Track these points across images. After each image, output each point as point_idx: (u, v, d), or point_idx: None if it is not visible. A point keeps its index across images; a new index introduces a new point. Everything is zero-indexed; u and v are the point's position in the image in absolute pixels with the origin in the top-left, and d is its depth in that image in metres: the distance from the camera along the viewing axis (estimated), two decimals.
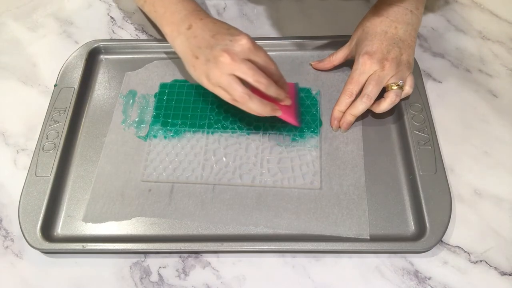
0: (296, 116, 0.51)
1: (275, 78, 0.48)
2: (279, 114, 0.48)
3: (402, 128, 0.53)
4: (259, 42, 0.60)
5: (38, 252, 0.48)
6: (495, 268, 0.46)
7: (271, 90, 0.46)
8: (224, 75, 0.45)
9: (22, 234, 0.47)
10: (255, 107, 0.46)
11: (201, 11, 0.50)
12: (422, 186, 0.48)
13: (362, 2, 0.67)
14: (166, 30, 0.51)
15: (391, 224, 0.47)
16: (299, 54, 0.60)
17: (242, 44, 0.45)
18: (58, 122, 0.54)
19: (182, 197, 0.50)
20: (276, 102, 0.48)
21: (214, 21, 0.49)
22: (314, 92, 0.57)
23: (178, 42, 0.49)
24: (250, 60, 0.45)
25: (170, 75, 0.59)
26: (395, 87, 0.50)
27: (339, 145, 0.53)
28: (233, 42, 0.45)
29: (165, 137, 0.54)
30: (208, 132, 0.54)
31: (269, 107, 0.46)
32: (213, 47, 0.45)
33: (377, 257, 0.47)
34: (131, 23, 0.66)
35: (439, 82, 0.59)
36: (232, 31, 0.47)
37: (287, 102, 0.48)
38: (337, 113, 0.53)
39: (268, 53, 0.59)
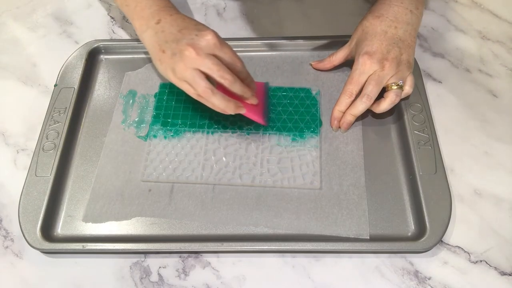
0: (264, 115, 0.52)
1: (242, 76, 0.48)
2: (243, 112, 0.48)
3: (402, 128, 0.53)
4: (259, 42, 0.61)
5: (38, 252, 0.48)
6: (495, 268, 0.46)
7: (236, 87, 0.46)
8: (189, 69, 0.45)
9: (22, 234, 0.47)
10: (218, 103, 0.46)
11: (172, 8, 0.51)
12: (422, 186, 0.48)
13: (362, 2, 0.67)
14: (136, 24, 0.51)
15: (391, 224, 0.47)
16: (299, 54, 0.60)
17: (208, 39, 0.45)
18: (58, 122, 0.54)
19: (182, 197, 0.50)
20: (241, 100, 0.48)
21: (184, 17, 0.49)
22: (314, 92, 0.57)
23: (146, 36, 0.50)
24: (215, 56, 0.46)
25: None
26: (395, 87, 0.50)
27: (339, 145, 0.53)
28: (199, 37, 0.46)
29: (165, 137, 0.54)
30: (208, 132, 0.54)
31: (232, 104, 0.47)
32: (179, 41, 0.46)
33: (377, 257, 0.47)
34: (131, 23, 0.66)
35: (439, 82, 0.59)
36: (200, 26, 0.48)
37: (253, 101, 0.49)
38: (337, 113, 0.53)
39: (268, 53, 0.60)
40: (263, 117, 0.52)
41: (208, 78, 0.46)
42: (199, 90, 0.46)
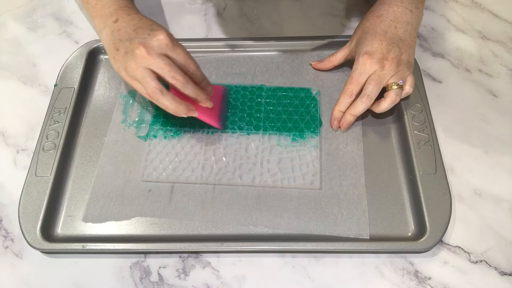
0: (220, 118, 0.52)
1: (196, 79, 0.48)
2: (195, 114, 0.48)
3: (402, 128, 0.53)
4: (259, 42, 0.61)
5: (38, 252, 0.48)
6: (495, 268, 0.46)
7: (188, 89, 0.47)
8: (140, 68, 0.45)
9: (22, 234, 0.47)
10: (168, 104, 0.46)
11: (131, 8, 0.51)
12: (422, 186, 0.48)
13: (362, 2, 0.67)
14: (95, 22, 0.52)
15: (391, 224, 0.47)
16: (299, 54, 0.60)
17: (159, 39, 0.46)
18: (58, 122, 0.54)
19: (182, 197, 0.50)
20: (195, 103, 0.49)
21: (141, 17, 0.50)
22: (314, 92, 0.57)
23: (104, 34, 0.50)
24: (168, 57, 0.46)
25: None
26: (395, 87, 0.50)
27: (339, 145, 0.53)
28: (151, 36, 0.46)
29: (165, 137, 0.54)
30: (208, 132, 0.54)
31: (183, 106, 0.47)
32: (132, 40, 0.46)
33: (377, 257, 0.47)
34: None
35: (439, 82, 0.59)
36: (154, 26, 0.48)
37: (208, 104, 0.49)
38: (337, 113, 0.53)
39: (268, 53, 0.60)
40: (219, 121, 0.52)
41: (162, 79, 0.46)
42: (148, 90, 0.46)
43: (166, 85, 0.47)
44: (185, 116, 0.48)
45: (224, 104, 0.55)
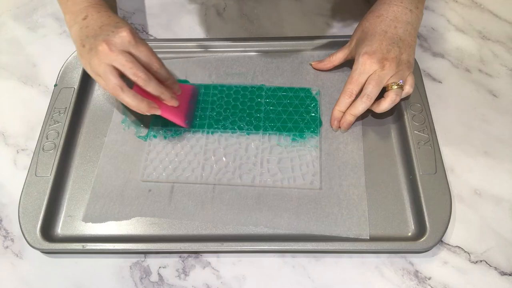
0: (186, 117, 0.53)
1: (160, 77, 0.49)
2: (157, 112, 0.49)
3: (402, 128, 0.53)
4: (259, 42, 0.61)
5: (38, 252, 0.48)
6: (495, 268, 0.46)
7: (151, 87, 0.47)
8: (102, 64, 0.46)
9: (22, 234, 0.47)
10: (129, 100, 0.47)
11: (102, 6, 0.52)
12: (422, 186, 0.48)
13: (362, 2, 0.67)
14: (66, 17, 0.53)
15: (391, 224, 0.47)
16: (299, 54, 0.60)
17: (122, 36, 0.46)
18: (58, 122, 0.54)
19: (182, 197, 0.50)
20: (158, 101, 0.49)
21: (110, 15, 0.50)
22: (314, 92, 0.57)
23: (73, 30, 0.51)
24: (131, 54, 0.47)
25: None
26: (395, 87, 0.50)
27: (339, 145, 0.53)
28: (114, 33, 0.47)
29: (165, 137, 0.54)
30: (208, 132, 0.54)
31: (144, 103, 0.47)
32: (97, 37, 0.47)
33: (377, 257, 0.47)
34: (131, 23, 0.66)
35: (439, 82, 0.59)
36: (120, 24, 0.48)
37: (173, 103, 0.50)
38: (337, 113, 0.53)
39: (268, 53, 0.60)
40: (184, 120, 0.52)
41: (125, 76, 0.47)
42: (109, 86, 0.47)
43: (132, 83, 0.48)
44: (148, 113, 0.48)
45: (192, 104, 0.55)
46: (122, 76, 0.47)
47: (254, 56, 0.60)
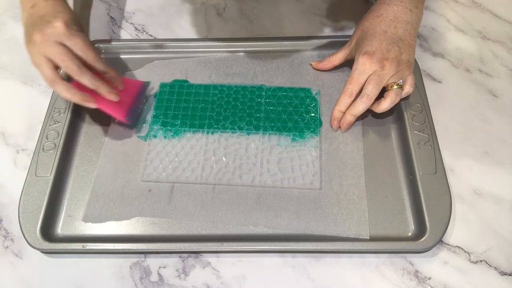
0: (128, 113, 0.52)
1: (98, 70, 0.49)
2: (93, 106, 0.49)
3: (402, 128, 0.53)
4: (259, 42, 0.61)
5: (38, 252, 0.48)
6: (495, 268, 0.46)
7: (84, 79, 0.47)
8: (37, 55, 0.47)
9: (22, 234, 0.47)
10: (62, 93, 0.47)
11: None
12: (422, 186, 0.48)
13: (362, 2, 0.67)
14: (20, 4, 0.53)
15: (391, 224, 0.47)
16: (299, 54, 0.60)
17: (55, 26, 0.47)
18: (58, 122, 0.54)
19: (182, 197, 0.50)
20: (96, 94, 0.49)
21: (56, 4, 0.50)
22: (314, 92, 0.57)
23: (23, 18, 0.51)
24: (65, 46, 0.47)
25: (170, 75, 0.59)
26: (395, 87, 0.50)
27: (339, 145, 0.53)
28: (50, 23, 0.47)
29: (165, 137, 0.54)
30: (208, 132, 0.54)
31: (78, 96, 0.48)
32: (35, 27, 0.48)
33: (377, 257, 0.47)
34: (131, 23, 0.66)
35: (439, 82, 0.59)
36: (58, 14, 0.49)
37: (111, 97, 0.49)
38: (337, 113, 0.53)
39: (268, 53, 0.60)
40: (125, 115, 0.52)
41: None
42: (43, 77, 0.48)
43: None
44: (83, 105, 0.49)
45: (138, 100, 0.55)
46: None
47: (254, 56, 0.60)
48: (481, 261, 0.46)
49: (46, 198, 0.49)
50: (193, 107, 0.56)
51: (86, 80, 0.48)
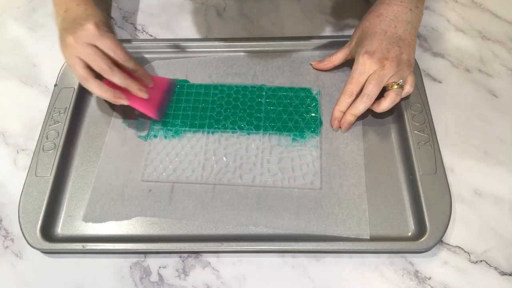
0: (158, 110, 0.53)
1: (128, 69, 0.50)
2: (124, 103, 0.50)
3: (402, 128, 0.53)
4: (259, 42, 0.61)
5: (38, 252, 0.48)
6: (495, 268, 0.46)
7: (116, 78, 0.49)
8: (71, 56, 0.50)
9: (22, 234, 0.47)
10: (94, 90, 0.50)
11: None
12: (422, 186, 0.48)
13: (362, 2, 0.67)
14: (54, 9, 0.54)
15: (391, 224, 0.47)
16: (299, 54, 0.60)
17: (86, 28, 0.49)
18: (58, 122, 0.54)
19: (182, 197, 0.50)
20: (127, 92, 0.50)
21: (87, 8, 0.53)
22: (314, 92, 0.57)
23: (57, 23, 0.53)
24: (96, 47, 0.49)
25: (170, 75, 0.59)
26: (396, 86, 0.50)
27: (339, 145, 0.53)
28: (81, 26, 0.49)
29: (165, 137, 0.54)
30: (208, 132, 0.54)
31: (109, 94, 0.49)
32: (68, 30, 0.50)
33: (377, 257, 0.47)
34: (131, 23, 0.66)
35: (439, 82, 0.59)
36: (90, 17, 0.51)
37: (142, 95, 0.51)
38: (337, 113, 0.53)
39: (268, 53, 0.60)
40: (155, 112, 0.53)
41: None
42: (77, 77, 0.50)
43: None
44: (114, 103, 0.50)
45: (166, 96, 0.56)
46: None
47: (254, 56, 0.60)
48: (481, 261, 0.46)
49: (46, 198, 0.49)
50: (194, 107, 0.56)
51: (117, 78, 0.49)
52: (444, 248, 0.47)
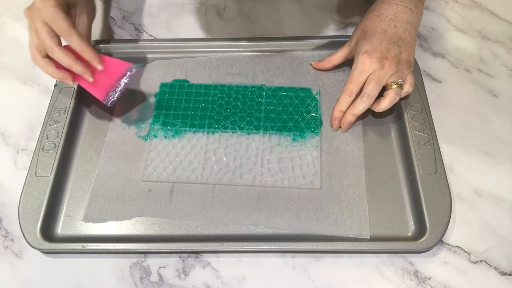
0: (107, 94, 0.51)
1: (75, 48, 0.49)
2: (70, 83, 0.50)
3: (402, 128, 0.53)
4: (259, 42, 0.61)
5: (38, 252, 0.48)
6: (495, 268, 0.46)
7: (56, 56, 0.48)
8: (29, 32, 0.50)
9: (22, 234, 0.47)
10: (42, 69, 0.50)
11: None
12: (422, 186, 0.48)
13: (362, 2, 0.67)
14: None
15: (391, 224, 0.47)
16: (299, 54, 0.60)
17: (34, 3, 0.48)
18: (58, 122, 0.54)
19: (182, 197, 0.50)
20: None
21: None
22: (314, 92, 0.57)
23: None
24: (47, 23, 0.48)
25: (170, 75, 0.59)
26: (395, 86, 0.50)
27: (340, 145, 0.53)
28: (34, 1, 0.48)
29: (165, 137, 0.54)
30: (208, 132, 0.54)
31: (55, 72, 0.50)
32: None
33: (377, 257, 0.47)
34: (131, 23, 0.66)
35: (439, 82, 0.59)
36: None
37: (86, 77, 0.50)
38: (337, 113, 0.53)
39: (268, 53, 0.60)
40: (104, 96, 0.51)
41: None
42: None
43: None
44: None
45: (122, 82, 0.52)
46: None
47: (254, 56, 0.60)
48: (481, 261, 0.46)
49: (46, 198, 0.49)
50: (194, 107, 0.56)
51: (57, 57, 0.48)
52: (444, 248, 0.47)
